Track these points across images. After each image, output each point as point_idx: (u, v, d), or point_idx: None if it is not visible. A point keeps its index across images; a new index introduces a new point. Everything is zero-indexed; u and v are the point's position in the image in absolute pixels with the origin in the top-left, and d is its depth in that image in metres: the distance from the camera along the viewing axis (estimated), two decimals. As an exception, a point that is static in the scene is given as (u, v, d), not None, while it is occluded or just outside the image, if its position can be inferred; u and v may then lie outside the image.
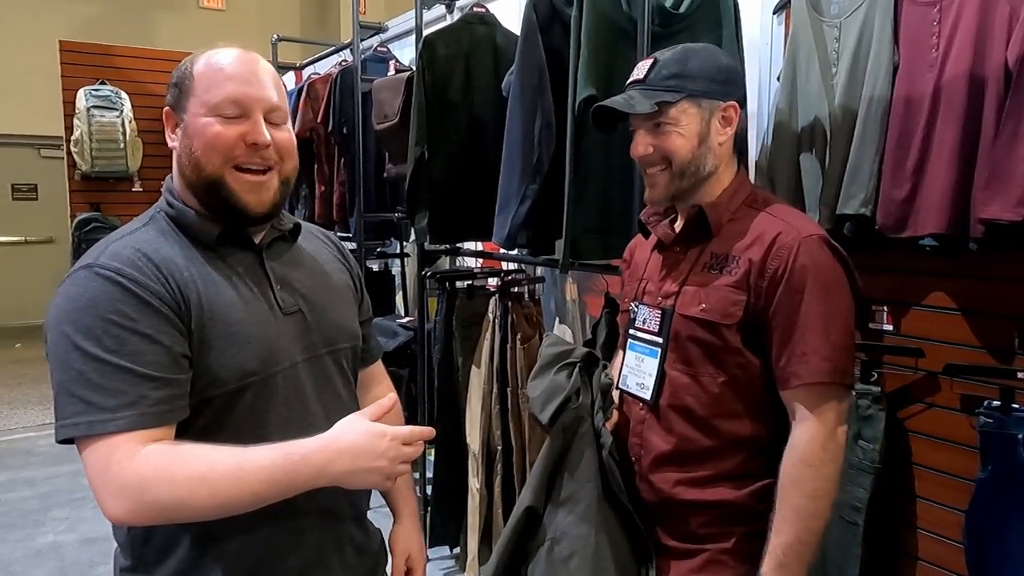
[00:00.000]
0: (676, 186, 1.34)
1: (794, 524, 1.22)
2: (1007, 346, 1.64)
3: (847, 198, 1.72)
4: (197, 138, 1.06)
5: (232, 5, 8.58)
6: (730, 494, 1.31)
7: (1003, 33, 1.51)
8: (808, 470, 1.22)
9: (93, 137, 5.44)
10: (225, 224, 1.10)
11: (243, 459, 0.97)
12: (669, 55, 1.34)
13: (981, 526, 1.59)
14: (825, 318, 1.22)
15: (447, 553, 3.11)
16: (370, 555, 1.27)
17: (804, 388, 1.23)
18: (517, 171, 2.16)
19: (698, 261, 1.34)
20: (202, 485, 0.95)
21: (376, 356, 1.43)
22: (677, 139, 1.31)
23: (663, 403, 1.35)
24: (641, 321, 1.41)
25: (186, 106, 1.08)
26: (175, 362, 0.99)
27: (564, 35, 2.03)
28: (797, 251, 1.24)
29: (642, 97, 1.31)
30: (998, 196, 1.48)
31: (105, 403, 0.95)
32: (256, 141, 1.07)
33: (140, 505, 0.95)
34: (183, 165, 1.09)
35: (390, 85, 2.98)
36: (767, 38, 2.16)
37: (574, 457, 1.41)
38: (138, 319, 0.98)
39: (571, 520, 1.37)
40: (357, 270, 1.36)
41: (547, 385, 1.45)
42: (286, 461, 0.98)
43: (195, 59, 1.11)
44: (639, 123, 1.36)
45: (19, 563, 3.21)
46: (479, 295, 2.84)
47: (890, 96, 1.68)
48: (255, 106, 1.08)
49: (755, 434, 1.30)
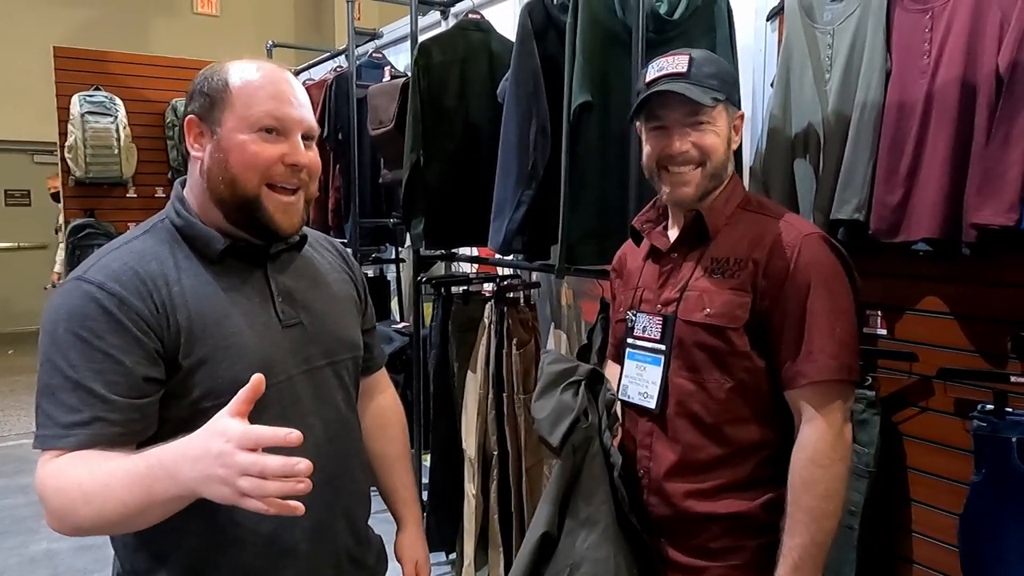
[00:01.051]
0: (706, 186, 1.32)
1: (808, 526, 1.21)
2: (1000, 350, 1.65)
3: (841, 203, 1.73)
4: (235, 154, 1.05)
5: (227, 11, 8.58)
6: (742, 505, 1.29)
7: (994, 39, 1.52)
8: (819, 470, 1.21)
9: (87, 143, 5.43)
10: (249, 237, 1.10)
11: (115, 466, 0.92)
12: (703, 55, 1.34)
13: (975, 529, 1.60)
14: (830, 316, 1.22)
15: (443, 559, 3.11)
16: (367, 568, 1.26)
17: (811, 387, 1.22)
18: (512, 177, 2.17)
19: (698, 266, 1.33)
20: (78, 492, 0.92)
21: (380, 364, 1.43)
22: (714, 139, 1.31)
23: (669, 412, 1.33)
24: (641, 329, 1.39)
25: (221, 119, 1.06)
26: (136, 385, 0.98)
27: (559, 41, 2.04)
28: (800, 249, 1.24)
29: (698, 91, 1.28)
30: (990, 201, 1.49)
31: (62, 419, 0.96)
32: (296, 162, 1.07)
33: (46, 512, 0.95)
34: (212, 180, 1.07)
35: (385, 91, 2.99)
36: (760, 44, 2.17)
37: (586, 479, 1.38)
38: (106, 337, 0.98)
39: (590, 544, 1.34)
40: (362, 279, 1.35)
41: (554, 405, 1.42)
42: (146, 466, 0.89)
43: (226, 70, 1.08)
44: (677, 119, 1.31)
45: (13, 571, 3.19)
46: (475, 300, 2.84)
47: (883, 102, 1.69)
48: (295, 127, 1.08)
49: (764, 439, 1.29)
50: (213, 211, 1.09)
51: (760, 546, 1.29)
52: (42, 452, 0.98)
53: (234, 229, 1.09)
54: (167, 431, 1.01)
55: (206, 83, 1.08)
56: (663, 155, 1.32)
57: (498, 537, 2.60)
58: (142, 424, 1.00)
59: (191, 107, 1.08)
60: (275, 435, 0.82)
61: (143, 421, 1.00)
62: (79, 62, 5.66)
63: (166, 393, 1.02)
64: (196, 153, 1.09)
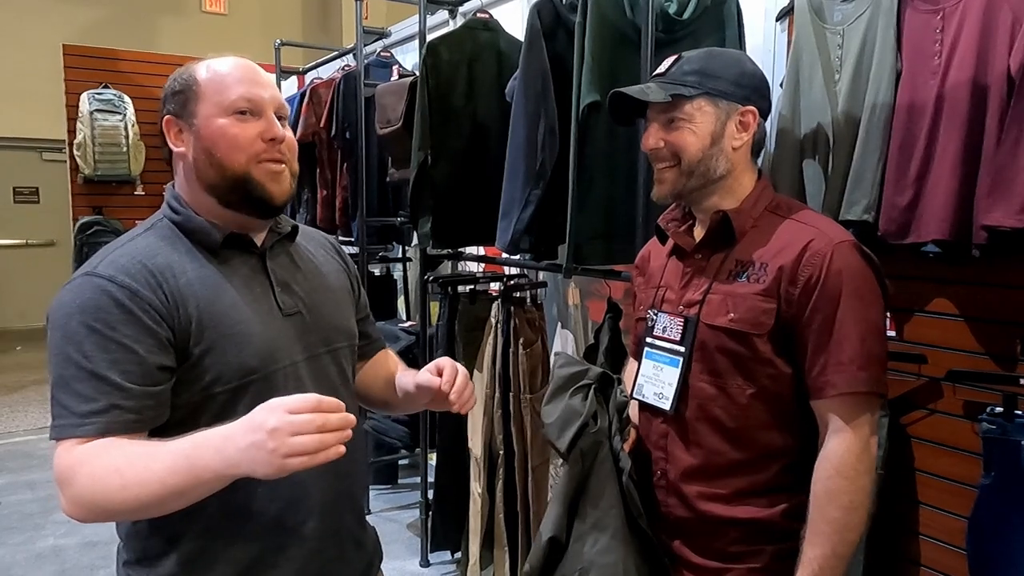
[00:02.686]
0: (683, 184, 1.31)
1: (830, 537, 1.19)
2: (1010, 352, 1.65)
3: (850, 204, 1.72)
4: (218, 140, 1.10)
5: (235, 9, 8.60)
6: (760, 512, 1.28)
7: (1006, 41, 1.51)
8: (844, 482, 1.19)
9: (96, 141, 5.46)
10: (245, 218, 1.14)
11: (155, 449, 0.96)
12: (695, 53, 1.33)
13: (984, 532, 1.59)
14: (861, 326, 1.19)
15: (448, 558, 3.11)
16: (366, 551, 1.30)
17: (840, 398, 1.20)
18: (520, 176, 2.17)
19: (722, 268, 1.30)
20: (115, 476, 0.95)
21: (381, 345, 1.45)
22: (688, 136, 1.28)
23: (689, 415, 1.31)
24: (661, 329, 1.37)
25: (195, 111, 1.11)
26: (149, 373, 1.02)
27: (568, 41, 2.04)
28: (831, 257, 1.21)
29: (658, 88, 1.29)
30: (1001, 203, 1.48)
31: (77, 408, 0.99)
32: (275, 135, 1.12)
33: (68, 500, 0.98)
34: (200, 169, 1.12)
35: (393, 90, 2.99)
36: (770, 45, 2.17)
37: (595, 484, 1.37)
38: (119, 328, 1.01)
39: (598, 549, 1.33)
40: (354, 269, 1.40)
41: (563, 410, 1.41)
42: (191, 445, 0.94)
43: (194, 68, 1.14)
44: (653, 116, 1.33)
45: (20, 567, 3.21)
46: (481, 300, 2.85)
47: (893, 103, 1.68)
48: (267, 106, 1.13)
49: (785, 445, 1.27)
50: (206, 200, 1.13)
51: (778, 551, 1.28)
52: (57, 443, 1.00)
53: (229, 213, 1.13)
54: (178, 416, 1.06)
55: (175, 84, 1.14)
56: (644, 150, 1.35)
57: (503, 536, 2.60)
58: (156, 411, 1.03)
59: (166, 110, 1.14)
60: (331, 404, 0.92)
61: (157, 408, 1.03)
62: (88, 60, 5.70)
63: (177, 380, 1.05)
64: (179, 149, 1.13)
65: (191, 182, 1.14)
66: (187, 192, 1.15)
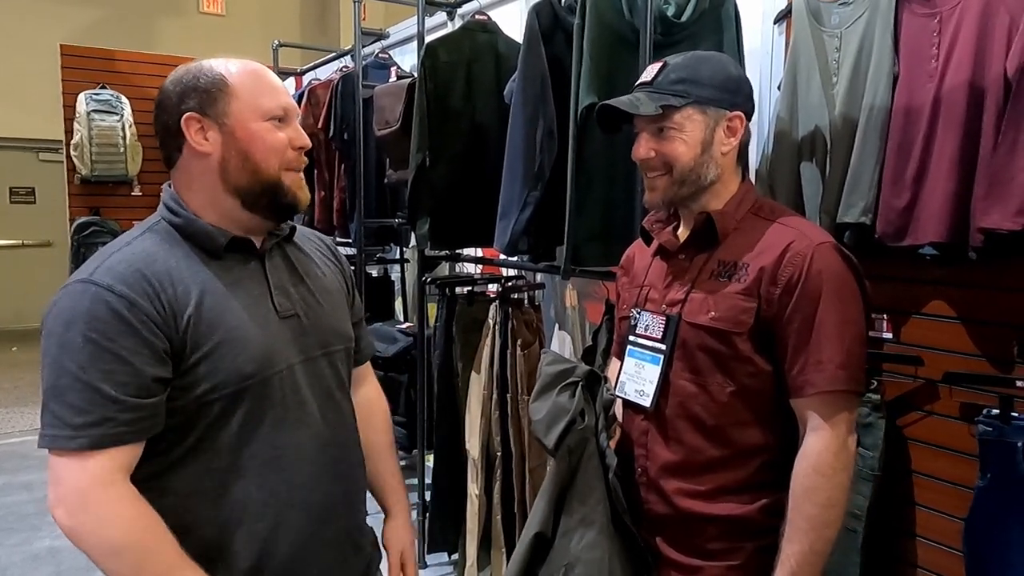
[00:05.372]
0: (675, 192, 1.33)
1: (807, 534, 1.21)
2: (1006, 355, 1.65)
3: (847, 207, 1.73)
4: (256, 143, 1.11)
5: (233, 10, 8.59)
6: (740, 509, 1.29)
7: (1003, 44, 1.52)
8: (821, 479, 1.21)
9: (93, 141, 5.45)
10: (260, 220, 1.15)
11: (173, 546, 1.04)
12: (679, 60, 1.33)
13: (980, 534, 1.59)
14: (840, 326, 1.21)
15: (445, 559, 3.11)
16: (365, 552, 1.30)
17: (819, 396, 1.22)
18: (519, 178, 2.17)
19: (704, 268, 1.33)
20: (125, 555, 1.06)
21: (366, 357, 1.45)
22: (680, 145, 1.30)
23: (670, 413, 1.33)
24: (643, 328, 1.39)
25: (227, 110, 1.10)
26: (145, 385, 1.02)
27: (566, 43, 2.04)
28: (812, 258, 1.23)
29: (647, 99, 1.30)
30: (998, 205, 1.49)
31: (72, 420, 0.99)
32: (303, 145, 1.16)
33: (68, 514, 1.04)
34: (229, 170, 1.11)
35: (391, 91, 3.00)
36: (768, 47, 2.17)
37: (582, 480, 1.38)
38: (116, 340, 1.00)
39: (585, 545, 1.35)
40: (349, 272, 1.40)
41: (550, 407, 1.42)
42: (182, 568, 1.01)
43: (214, 66, 1.12)
44: (643, 125, 1.34)
45: (16, 567, 3.20)
46: (479, 301, 2.84)
47: (890, 106, 1.69)
48: (293, 115, 1.16)
49: (765, 443, 1.29)
50: (226, 202, 1.12)
51: (758, 548, 1.29)
52: (51, 452, 1.00)
53: (246, 216, 1.13)
54: (174, 422, 1.06)
55: (198, 80, 1.10)
56: (635, 159, 1.36)
57: (501, 538, 2.60)
58: (150, 422, 1.03)
59: (186, 105, 1.10)
60: None
61: (151, 419, 1.03)
62: (86, 60, 5.68)
63: (174, 386, 1.05)
64: (203, 148, 1.10)
65: (212, 183, 1.12)
66: (199, 193, 1.13)
